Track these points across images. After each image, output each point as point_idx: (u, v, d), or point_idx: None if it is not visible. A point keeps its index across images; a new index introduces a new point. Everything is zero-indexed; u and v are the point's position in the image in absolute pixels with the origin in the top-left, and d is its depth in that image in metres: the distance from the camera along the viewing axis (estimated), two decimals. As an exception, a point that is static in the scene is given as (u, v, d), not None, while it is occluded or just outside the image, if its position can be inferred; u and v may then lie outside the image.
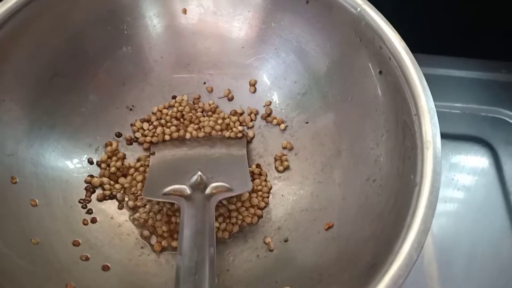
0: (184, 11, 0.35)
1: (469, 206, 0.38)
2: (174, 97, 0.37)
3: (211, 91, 0.37)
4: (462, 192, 0.39)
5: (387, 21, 0.30)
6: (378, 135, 0.30)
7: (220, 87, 0.37)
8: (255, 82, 0.37)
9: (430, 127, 0.26)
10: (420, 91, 0.28)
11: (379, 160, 0.30)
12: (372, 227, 0.27)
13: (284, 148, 0.36)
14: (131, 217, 0.32)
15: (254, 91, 0.37)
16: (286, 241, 0.32)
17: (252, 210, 0.33)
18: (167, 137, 0.35)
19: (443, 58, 0.45)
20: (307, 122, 0.35)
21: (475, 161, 0.40)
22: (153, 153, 0.35)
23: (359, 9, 0.30)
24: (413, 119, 0.27)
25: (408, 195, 0.25)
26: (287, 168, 0.35)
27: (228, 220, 0.33)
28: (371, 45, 0.30)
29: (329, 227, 0.31)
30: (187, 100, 0.37)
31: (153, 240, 0.32)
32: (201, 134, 0.35)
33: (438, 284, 0.35)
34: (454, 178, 0.39)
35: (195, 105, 0.37)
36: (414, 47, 0.29)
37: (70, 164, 0.32)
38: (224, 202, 0.33)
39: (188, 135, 0.35)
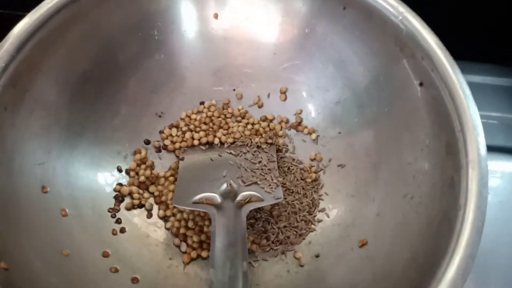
0: (216, 16, 0.34)
1: (507, 222, 0.36)
2: (202, 103, 0.36)
3: (240, 98, 0.36)
4: (499, 208, 0.37)
5: (430, 30, 0.28)
6: (417, 149, 0.29)
7: (250, 94, 0.36)
8: (286, 89, 0.36)
9: (475, 145, 0.25)
10: (465, 105, 0.26)
11: (417, 176, 0.29)
12: (412, 248, 0.26)
13: (313, 159, 0.35)
14: (166, 227, 0.32)
15: (285, 99, 0.36)
16: (317, 256, 0.31)
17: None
18: (195, 142, 0.35)
19: (480, 65, 0.44)
20: (340, 133, 0.34)
21: (513, 174, 0.38)
22: (182, 159, 0.34)
23: (400, 17, 0.29)
24: (457, 135, 0.26)
25: (451, 217, 0.24)
26: (315, 180, 0.34)
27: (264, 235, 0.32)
28: (412, 55, 0.29)
29: (363, 244, 0.30)
30: (216, 105, 0.36)
31: (183, 247, 0.31)
32: (230, 140, 0.35)
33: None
34: (490, 192, 0.38)
35: (224, 110, 0.36)
36: (450, 53, 0.28)
37: (99, 172, 0.32)
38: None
39: (217, 140, 0.35)
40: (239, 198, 0.31)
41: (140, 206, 0.33)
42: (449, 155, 0.26)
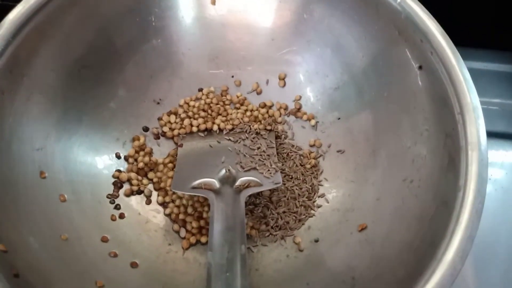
0: (213, 2, 0.34)
1: (507, 207, 0.36)
2: (200, 90, 0.36)
3: (239, 84, 0.36)
4: (500, 193, 0.37)
5: (429, 13, 0.28)
6: (416, 133, 0.29)
7: (248, 81, 0.36)
8: (285, 75, 0.36)
9: (475, 127, 0.25)
10: (464, 88, 0.26)
11: (417, 160, 0.28)
12: (411, 231, 0.26)
13: (312, 145, 0.35)
14: (165, 213, 0.32)
15: (284, 85, 0.36)
16: (316, 241, 0.31)
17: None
18: (194, 129, 0.34)
19: (481, 52, 0.43)
20: (339, 118, 0.34)
21: (514, 160, 0.38)
22: (181, 145, 0.34)
23: (399, 0, 0.29)
24: (457, 118, 0.26)
25: (451, 199, 0.24)
26: (314, 166, 0.34)
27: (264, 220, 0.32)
28: (411, 38, 0.29)
29: (363, 229, 0.29)
30: (214, 92, 0.36)
31: (182, 233, 0.31)
32: (228, 126, 0.34)
33: (475, 290, 0.33)
34: (491, 178, 0.37)
35: (223, 97, 0.36)
36: (451, 39, 0.28)
37: (98, 158, 0.32)
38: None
39: (215, 127, 0.34)
40: (237, 183, 0.31)
41: (139, 192, 0.33)
42: (448, 138, 0.26)
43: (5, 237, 0.24)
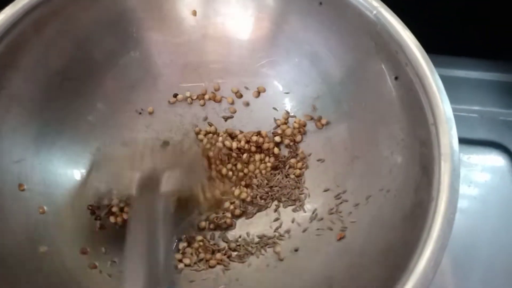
0: (194, 13, 0.34)
1: (486, 215, 0.37)
2: (175, 95, 0.35)
3: (220, 100, 0.36)
4: (479, 201, 0.37)
5: (404, 24, 0.29)
6: (393, 143, 0.29)
7: (229, 91, 0.36)
8: (264, 89, 0.36)
9: (447, 139, 0.25)
10: (438, 99, 0.26)
11: (393, 170, 0.29)
12: (386, 241, 0.26)
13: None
14: None
15: (261, 96, 0.36)
16: (296, 250, 0.31)
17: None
18: None
19: (460, 59, 0.44)
20: (319, 128, 0.34)
21: (493, 167, 0.39)
22: None
23: (375, 12, 0.29)
24: (430, 128, 0.26)
25: (424, 209, 0.24)
26: (298, 176, 0.34)
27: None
28: (387, 49, 0.29)
29: (341, 238, 0.30)
30: (191, 97, 0.35)
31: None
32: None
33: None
34: (471, 185, 0.38)
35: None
36: (430, 48, 0.28)
37: (78, 170, 0.32)
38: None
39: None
40: None
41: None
42: (422, 148, 0.27)
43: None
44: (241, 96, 0.36)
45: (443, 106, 0.26)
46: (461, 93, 0.42)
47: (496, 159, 0.39)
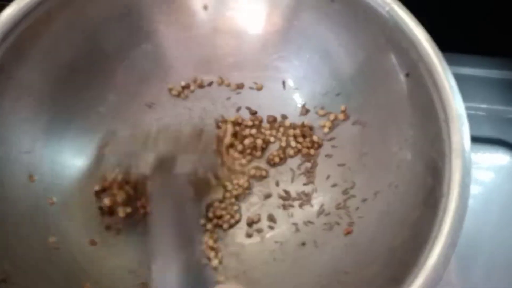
0: (205, 7, 0.34)
1: (491, 212, 0.37)
2: (185, 88, 0.35)
3: (230, 94, 0.36)
4: (485, 198, 0.37)
5: (417, 21, 0.28)
6: (402, 139, 0.29)
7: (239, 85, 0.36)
8: (274, 84, 0.35)
9: (459, 135, 0.25)
10: (449, 95, 0.26)
11: (402, 166, 0.29)
12: (395, 236, 0.27)
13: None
14: None
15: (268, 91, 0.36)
16: (303, 244, 0.31)
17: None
18: None
19: (468, 57, 0.44)
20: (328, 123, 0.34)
21: (499, 165, 0.39)
22: None
23: (387, 8, 0.29)
24: (441, 125, 0.26)
25: (434, 205, 0.25)
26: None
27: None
28: (399, 46, 0.29)
29: (348, 233, 0.30)
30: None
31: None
32: None
33: (457, 293, 0.34)
34: (476, 183, 0.38)
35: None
36: (439, 45, 0.28)
37: (88, 161, 0.32)
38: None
39: None
40: None
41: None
42: (433, 144, 0.27)
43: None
44: (251, 90, 0.36)
45: (455, 102, 0.26)
46: (468, 90, 0.41)
47: (502, 157, 0.39)
